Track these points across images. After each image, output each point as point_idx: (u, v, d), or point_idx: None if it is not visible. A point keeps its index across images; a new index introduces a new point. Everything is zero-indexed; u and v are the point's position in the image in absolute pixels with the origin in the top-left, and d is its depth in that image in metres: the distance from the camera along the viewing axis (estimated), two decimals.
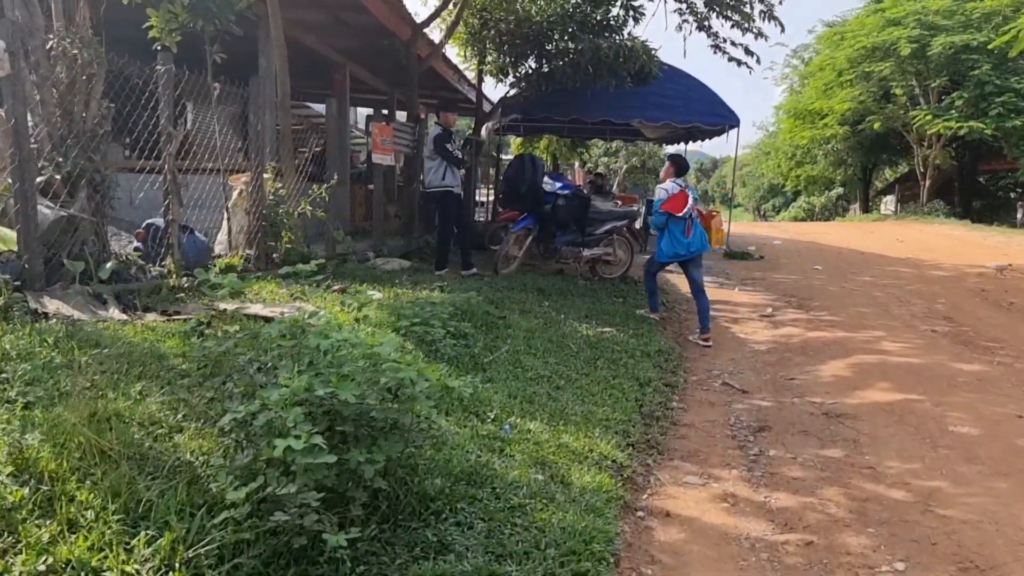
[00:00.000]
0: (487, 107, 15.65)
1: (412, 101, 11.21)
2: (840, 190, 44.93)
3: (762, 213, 64.84)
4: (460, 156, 8.64)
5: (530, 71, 14.29)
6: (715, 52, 11.94)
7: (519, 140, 23.28)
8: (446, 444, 3.65)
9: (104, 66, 5.43)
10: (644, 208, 14.69)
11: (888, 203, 40.63)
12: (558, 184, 9.22)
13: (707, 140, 18.09)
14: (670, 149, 35.02)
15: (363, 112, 22.84)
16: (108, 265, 4.91)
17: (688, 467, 4.29)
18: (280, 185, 7.57)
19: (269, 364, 2.93)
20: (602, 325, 7.07)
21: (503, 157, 18.69)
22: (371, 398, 2.66)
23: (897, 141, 32.33)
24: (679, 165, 7.97)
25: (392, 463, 2.84)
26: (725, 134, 16.18)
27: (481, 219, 15.71)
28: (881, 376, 6.11)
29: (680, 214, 7.51)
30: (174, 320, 4.73)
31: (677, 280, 10.72)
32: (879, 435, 4.81)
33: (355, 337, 2.76)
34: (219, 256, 6.90)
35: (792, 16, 12.58)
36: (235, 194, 7.31)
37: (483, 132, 19.97)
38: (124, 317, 4.56)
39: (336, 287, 6.82)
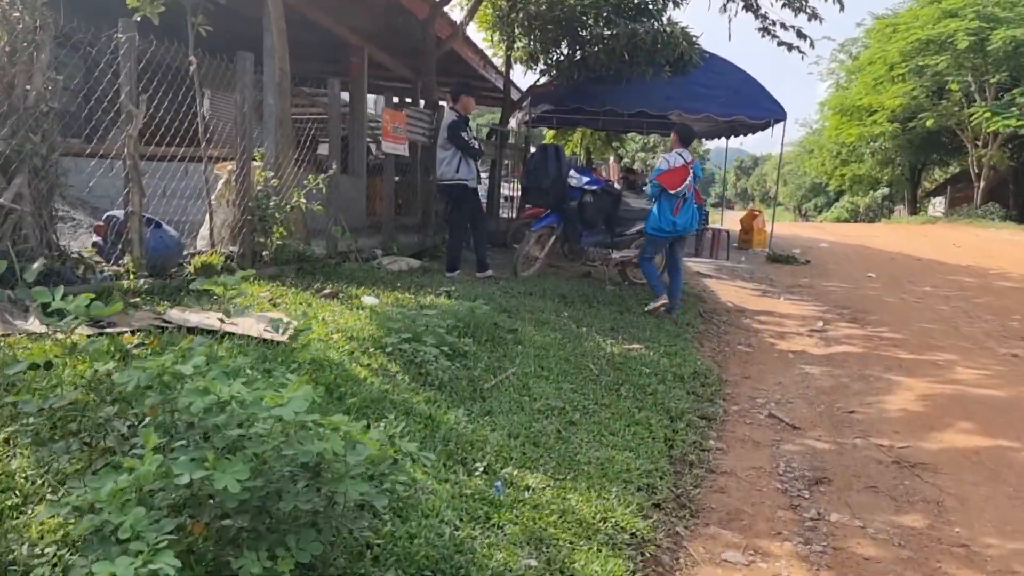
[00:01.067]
0: (516, 96, 14.78)
1: (430, 86, 10.38)
2: (886, 190, 43.31)
3: (803, 212, 63.16)
4: (477, 146, 7.79)
5: (561, 58, 13.43)
6: (763, 35, 10.92)
7: (551, 132, 22.36)
8: (416, 508, 2.82)
9: (51, 32, 4.67)
10: (699, 207, 13.75)
11: (937, 205, 39.00)
12: (585, 179, 8.33)
13: (750, 135, 17.02)
14: (710, 144, 33.86)
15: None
16: (35, 265, 4.13)
17: (728, 536, 3.40)
18: (272, 175, 6.79)
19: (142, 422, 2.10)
20: (629, 340, 6.18)
21: (533, 150, 17.82)
22: (274, 480, 1.82)
23: (950, 140, 30.83)
24: (683, 135, 7.56)
25: (313, 566, 2.01)
26: (770, 129, 15.10)
27: (505, 215, 14.84)
28: (961, 413, 5.14)
29: (673, 191, 7.17)
30: (107, 334, 3.95)
31: (718, 287, 9.76)
32: (968, 496, 3.87)
33: (251, 392, 1.91)
34: (198, 253, 6.14)
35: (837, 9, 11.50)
36: (220, 184, 6.54)
37: (512, 123, 19.14)
38: (42, 329, 3.78)
39: (327, 291, 6.01)
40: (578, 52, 13.08)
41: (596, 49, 12.66)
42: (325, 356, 4.06)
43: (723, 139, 19.48)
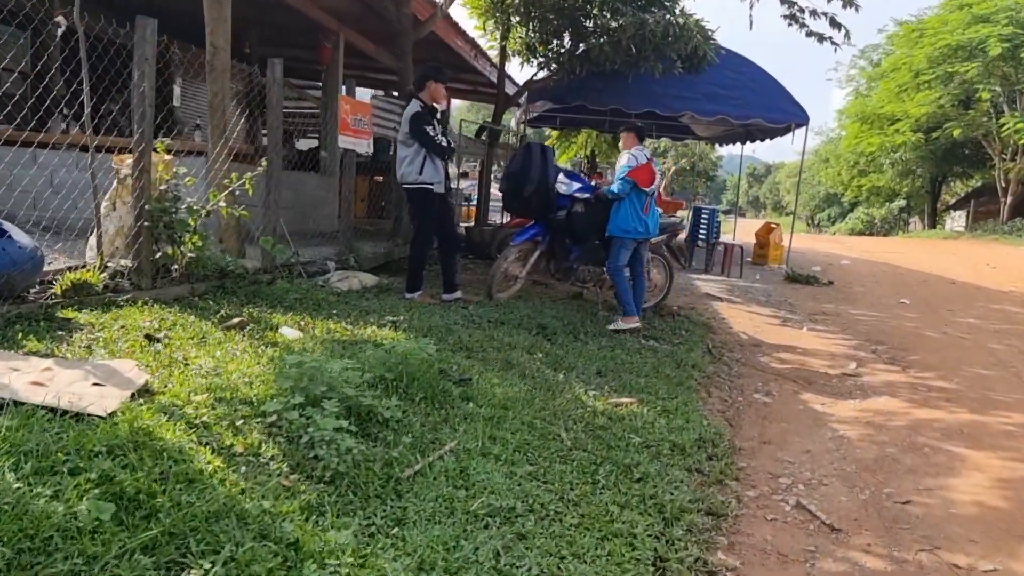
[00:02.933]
0: (511, 91, 13.51)
1: (405, 74, 9.10)
2: (902, 203, 41.83)
3: (816, 223, 61.72)
4: (446, 143, 6.51)
5: (562, 50, 12.15)
6: (790, 24, 9.58)
7: (556, 133, 21.07)
8: None
9: None
10: (692, 216, 12.44)
11: (957, 219, 37.54)
12: (576, 185, 7.04)
13: (767, 140, 15.71)
14: (723, 151, 32.50)
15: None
16: None
17: None
18: (186, 171, 5.54)
19: None
20: (619, 389, 4.89)
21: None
22: None
23: (974, 151, 29.41)
24: (640, 132, 6.93)
25: None
26: (791, 134, 13.79)
27: (495, 222, 13.55)
28: None
29: (647, 189, 6.61)
30: None
31: (730, 313, 8.45)
32: None
33: None
34: (74, 268, 4.88)
35: (858, 14, 10.19)
36: (116, 182, 5.29)
37: (512, 122, 17.85)
38: None
39: (236, 319, 4.75)
40: (580, 44, 11.81)
41: (601, 41, 11.39)
42: (158, 435, 2.79)
43: (738, 144, 18.17)
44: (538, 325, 6.11)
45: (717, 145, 28.90)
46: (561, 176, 7.06)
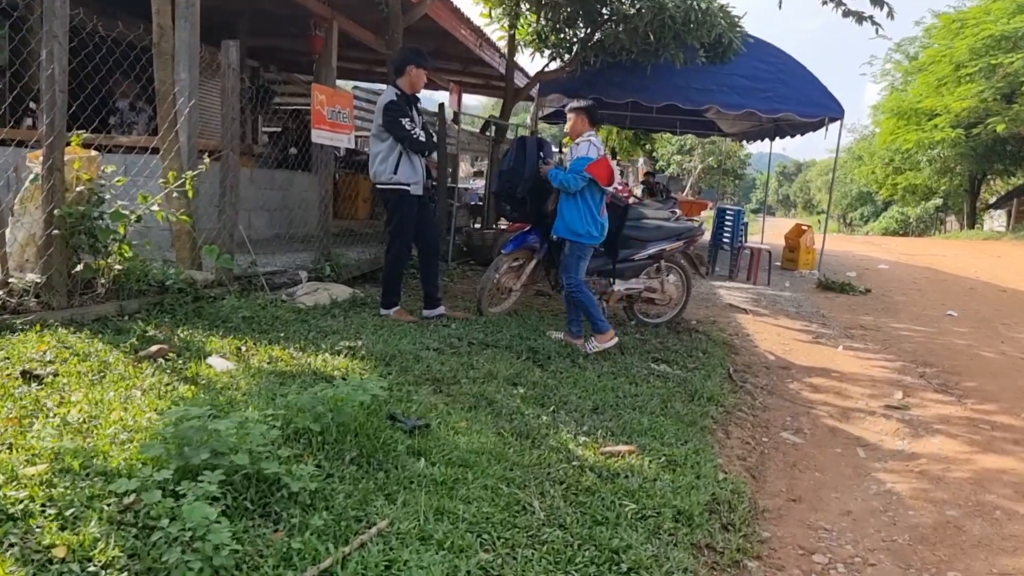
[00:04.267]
0: (522, 83, 12.65)
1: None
2: (939, 201, 40.27)
3: (848, 222, 60.13)
4: (425, 137, 5.68)
5: (575, 39, 11.28)
6: (825, 3, 8.60)
7: None
8: None
9: None
10: (715, 218, 11.51)
11: (996, 218, 35.97)
12: None
13: (798, 136, 14.71)
14: (752, 148, 31.40)
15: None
16: None
17: None
18: (113, 169, 4.77)
19: None
20: (617, 432, 4.03)
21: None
22: None
23: (1017, 148, 28.00)
24: (593, 115, 5.71)
25: None
26: (824, 129, 12.79)
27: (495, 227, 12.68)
28: None
29: (608, 187, 5.63)
30: None
31: (756, 328, 7.53)
32: None
33: None
34: None
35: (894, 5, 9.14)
36: (28, 182, 4.53)
37: (529, 119, 16.97)
38: None
39: (154, 347, 3.96)
40: (595, 33, 10.93)
41: (617, 28, 10.50)
42: None
43: (767, 141, 17.16)
44: (529, 348, 5.26)
45: (745, 142, 27.86)
46: None
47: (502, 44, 12.12)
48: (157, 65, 5.47)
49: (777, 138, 15.90)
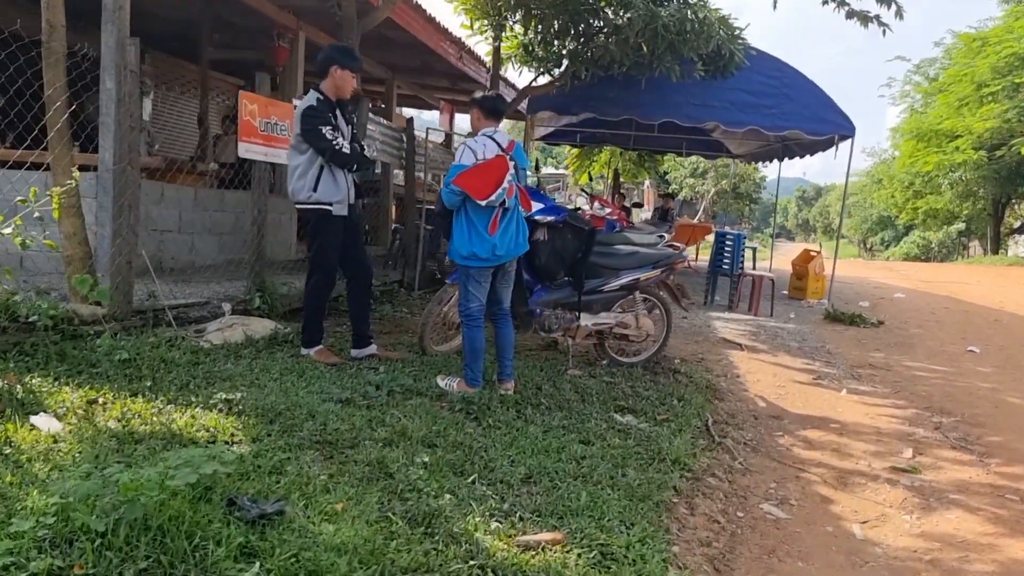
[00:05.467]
0: (508, 99, 11.93)
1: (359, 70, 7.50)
2: (961, 226, 39.02)
3: (868, 247, 58.88)
4: (351, 149, 4.92)
5: (563, 52, 10.56)
6: (825, 2, 7.81)
7: (576, 152, 19.42)
8: None
9: None
10: (714, 243, 10.68)
11: (1022, 243, 34.75)
12: (536, 206, 5.37)
13: (808, 157, 13.88)
14: (770, 171, 30.60)
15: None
16: None
17: None
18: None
19: None
20: (546, 512, 3.19)
21: (541, 172, 14.73)
22: None
23: None
24: (489, 107, 4.71)
25: None
26: (834, 148, 11.95)
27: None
28: None
29: (483, 201, 4.39)
30: None
31: (748, 367, 6.66)
32: None
33: None
34: None
35: (912, 27, 8.35)
36: None
37: (521, 140, 16.24)
38: None
39: None
40: (585, 45, 10.21)
41: (608, 40, 9.77)
42: None
43: (775, 162, 16.34)
44: (465, 397, 4.45)
45: (761, 165, 26.98)
46: None
47: (488, 58, 11.44)
48: (46, 67, 4.77)
49: (786, 158, 15.09)
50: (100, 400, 3.61)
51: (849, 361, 7.40)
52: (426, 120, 19.07)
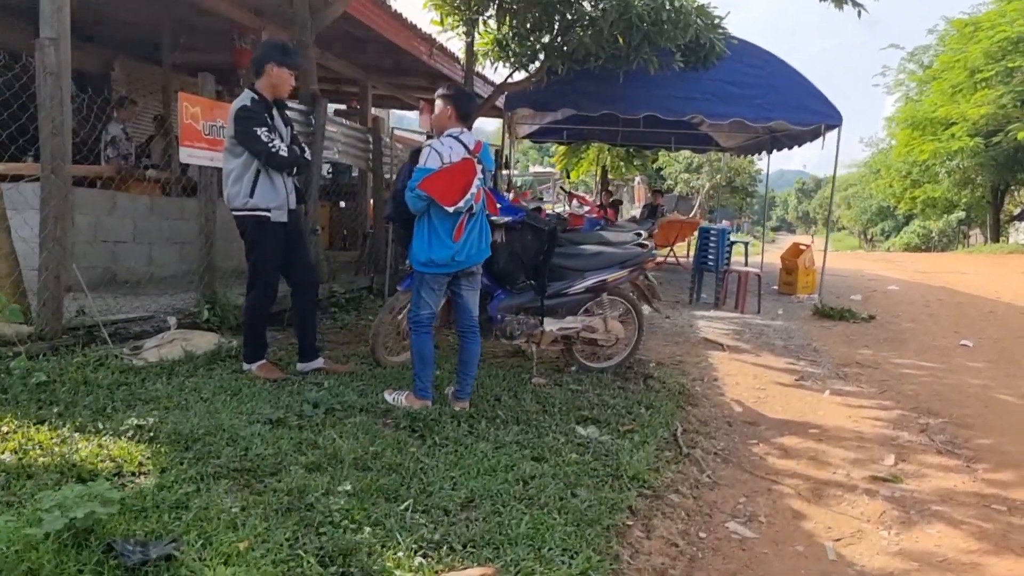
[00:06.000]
0: (485, 96, 11.62)
1: (304, 70, 7.21)
2: (961, 214, 38.68)
3: (869, 238, 58.56)
4: (289, 151, 4.63)
5: (538, 46, 10.27)
6: None
7: (563, 149, 19.10)
8: None
9: None
10: (698, 239, 10.38)
11: (1023, 230, 34.40)
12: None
13: (797, 147, 13.57)
14: (767, 165, 30.32)
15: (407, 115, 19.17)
16: None
17: None
18: None
19: None
20: (481, 540, 2.91)
21: (514, 174, 14.39)
22: None
23: None
24: (460, 104, 4.34)
25: None
26: (821, 138, 11.63)
27: None
28: None
29: (451, 207, 4.11)
30: None
31: (728, 368, 6.34)
32: None
33: None
34: None
35: (905, 14, 8.07)
36: None
37: (506, 141, 15.95)
38: None
39: None
40: (560, 38, 9.91)
41: (584, 32, 9.48)
42: None
43: (764, 155, 16.03)
44: (409, 413, 4.16)
45: (756, 158, 26.65)
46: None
47: (463, 54, 11.15)
48: None
49: (775, 150, 14.76)
50: (4, 429, 3.33)
51: (835, 359, 7.10)
52: (410, 119, 18.82)
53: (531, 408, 4.65)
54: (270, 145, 4.47)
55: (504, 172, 13.53)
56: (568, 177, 15.69)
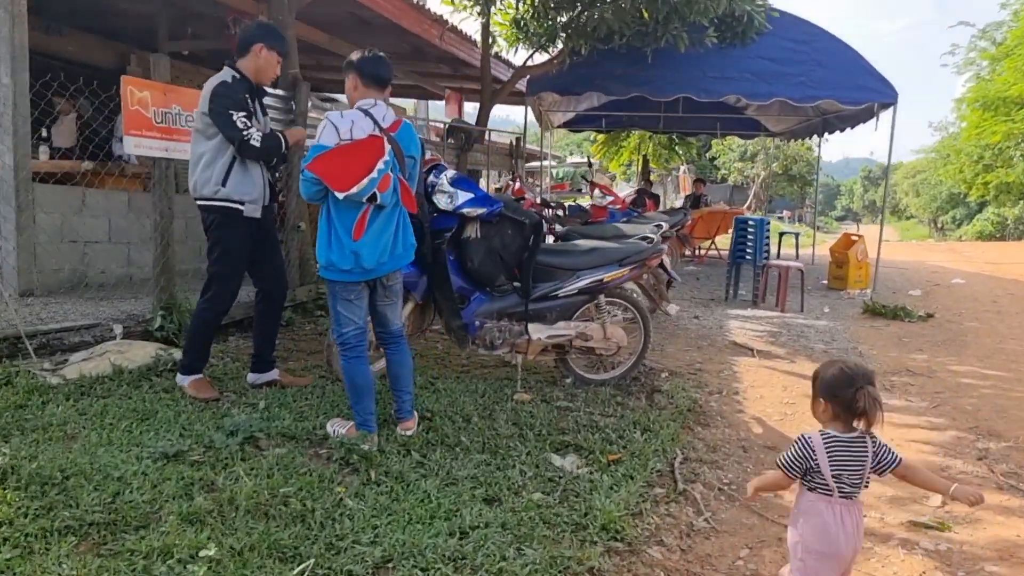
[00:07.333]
0: (503, 80, 10.92)
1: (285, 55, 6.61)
2: None
3: (939, 226, 55.90)
4: (262, 141, 4.02)
5: (558, 25, 9.54)
6: None
7: (602, 137, 18.26)
8: None
9: None
10: (734, 230, 9.53)
11: None
12: (464, 196, 4.39)
13: (849, 129, 12.55)
14: (833, 153, 28.82)
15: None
16: None
17: None
18: None
19: None
20: None
21: (552, 164, 13.61)
22: None
23: None
24: (369, 71, 3.61)
25: None
26: (875, 118, 10.66)
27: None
28: None
29: (342, 193, 3.32)
30: None
31: (755, 377, 5.52)
32: None
33: None
34: None
35: None
36: None
37: (545, 134, 15.23)
38: None
39: None
40: (583, 16, 9.16)
41: (605, 8, 8.71)
42: None
43: (815, 138, 15.00)
44: (343, 444, 3.51)
45: (804, 140, 25.33)
46: (442, 181, 4.44)
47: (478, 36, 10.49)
48: None
49: (827, 133, 13.73)
50: None
51: (882, 366, 6.21)
52: (435, 109, 18.23)
53: (504, 431, 3.98)
54: (244, 133, 3.90)
55: (540, 163, 12.86)
56: (590, 166, 14.85)
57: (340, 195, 3.31)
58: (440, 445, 3.73)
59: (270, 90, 5.79)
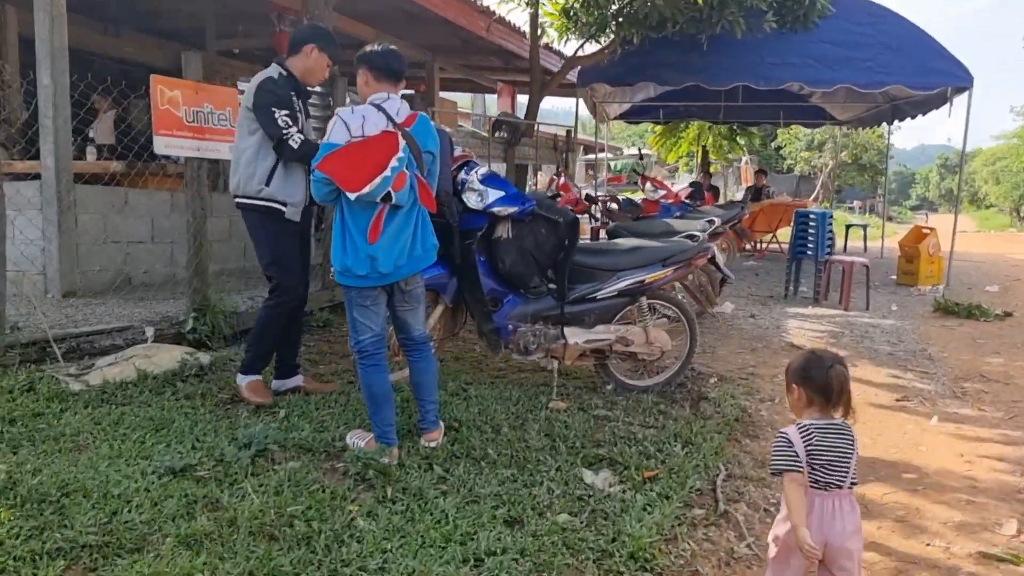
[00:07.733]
0: (553, 71, 10.65)
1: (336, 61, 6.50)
2: None
3: (1021, 216, 53.36)
4: (299, 144, 3.87)
5: (608, 14, 9.24)
6: None
7: (660, 128, 17.79)
8: None
9: None
10: (794, 224, 9.10)
11: None
12: (495, 194, 4.18)
13: (921, 116, 11.91)
14: (904, 141, 27.82)
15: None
16: None
17: None
18: None
19: None
20: None
21: (609, 157, 13.28)
22: None
23: None
24: (381, 66, 3.44)
25: None
26: (948, 103, 10.06)
27: None
28: None
29: (354, 194, 3.11)
30: None
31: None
32: None
33: None
34: None
35: None
36: None
37: (601, 126, 14.89)
38: None
39: None
40: (634, 3, 8.84)
41: None
42: None
43: (884, 126, 14.31)
44: (359, 458, 3.33)
45: (886, 132, 24.35)
46: (472, 179, 4.24)
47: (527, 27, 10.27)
48: None
49: (896, 120, 13.07)
50: None
51: (954, 371, 5.78)
52: (490, 102, 18.03)
53: (535, 443, 3.76)
54: (285, 132, 3.78)
55: (595, 156, 12.58)
56: (641, 159, 14.46)
57: (352, 195, 3.13)
58: (465, 458, 3.53)
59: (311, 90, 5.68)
